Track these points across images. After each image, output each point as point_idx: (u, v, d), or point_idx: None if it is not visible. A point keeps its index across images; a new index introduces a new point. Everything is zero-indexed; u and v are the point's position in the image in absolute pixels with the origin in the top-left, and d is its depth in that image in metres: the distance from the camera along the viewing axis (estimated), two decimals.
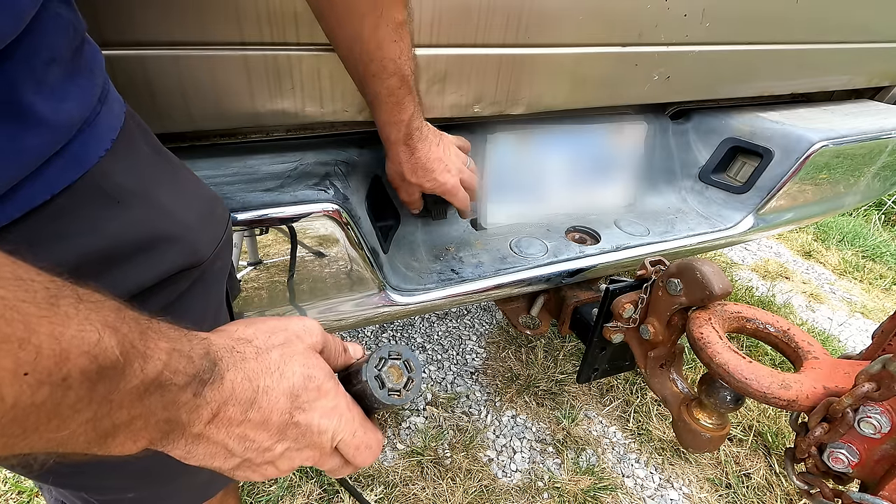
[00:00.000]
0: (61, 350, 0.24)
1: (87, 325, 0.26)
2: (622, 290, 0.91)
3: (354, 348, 0.48)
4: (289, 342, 0.40)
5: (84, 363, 0.25)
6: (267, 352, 0.38)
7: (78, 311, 0.26)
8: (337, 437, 0.40)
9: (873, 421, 0.59)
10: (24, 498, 1.31)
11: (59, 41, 0.36)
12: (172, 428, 0.32)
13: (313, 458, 0.41)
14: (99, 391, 0.26)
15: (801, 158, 1.11)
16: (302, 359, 0.40)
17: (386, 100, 0.69)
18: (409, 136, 0.75)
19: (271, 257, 0.76)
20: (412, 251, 1.01)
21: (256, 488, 1.35)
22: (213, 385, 0.34)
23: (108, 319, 0.27)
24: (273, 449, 0.38)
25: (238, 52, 0.66)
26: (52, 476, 0.50)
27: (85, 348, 0.25)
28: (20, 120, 0.33)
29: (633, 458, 1.54)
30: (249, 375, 0.36)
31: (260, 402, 0.36)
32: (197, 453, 0.35)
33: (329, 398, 0.40)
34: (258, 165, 0.79)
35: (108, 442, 0.29)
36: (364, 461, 0.43)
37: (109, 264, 0.40)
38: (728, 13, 0.98)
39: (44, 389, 0.23)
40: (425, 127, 0.78)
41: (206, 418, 0.34)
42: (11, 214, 0.35)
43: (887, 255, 2.83)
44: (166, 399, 0.31)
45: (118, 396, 0.27)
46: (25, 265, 0.25)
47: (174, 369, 0.31)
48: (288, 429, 0.38)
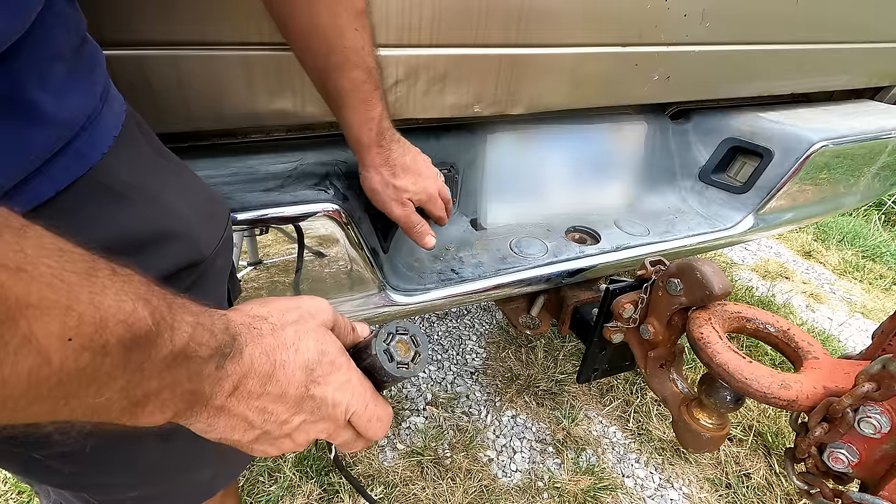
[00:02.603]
0: (101, 318, 0.25)
1: (123, 296, 0.27)
2: (622, 290, 0.91)
3: (362, 327, 0.50)
4: (302, 319, 0.41)
5: (120, 331, 0.26)
6: (282, 328, 0.39)
7: (113, 283, 0.27)
8: (350, 409, 0.42)
9: (873, 421, 0.59)
10: (24, 498, 1.31)
11: (61, 38, 0.36)
12: (197, 399, 0.33)
13: (327, 430, 0.42)
14: (133, 359, 0.27)
15: (801, 158, 1.11)
16: (315, 335, 0.41)
17: (352, 95, 0.63)
18: (381, 136, 0.69)
19: (271, 257, 0.76)
20: (412, 251, 1.01)
21: (256, 488, 1.35)
22: (234, 359, 0.35)
23: (140, 291, 0.28)
24: (290, 421, 0.39)
25: (238, 52, 0.66)
26: (54, 477, 0.50)
27: (121, 317, 0.26)
28: (25, 116, 0.33)
29: (633, 458, 1.54)
30: (267, 350, 0.37)
31: (277, 375, 0.37)
32: (218, 426, 0.36)
33: (342, 372, 0.41)
34: (258, 165, 0.79)
35: (139, 411, 0.30)
36: (375, 434, 0.44)
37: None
38: (728, 13, 0.98)
39: (86, 355, 0.25)
40: (394, 128, 0.72)
41: (227, 391, 0.35)
42: (17, 210, 0.35)
43: (887, 255, 2.83)
44: (191, 370, 0.32)
45: (149, 365, 0.28)
46: (63, 239, 0.26)
47: (199, 342, 0.32)
48: (304, 401, 0.39)
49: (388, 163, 0.72)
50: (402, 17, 0.72)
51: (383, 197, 0.75)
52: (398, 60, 0.76)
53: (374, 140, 0.68)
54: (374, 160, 0.71)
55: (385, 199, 0.75)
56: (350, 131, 0.68)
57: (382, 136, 0.69)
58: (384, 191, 0.74)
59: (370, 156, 0.70)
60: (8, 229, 0.23)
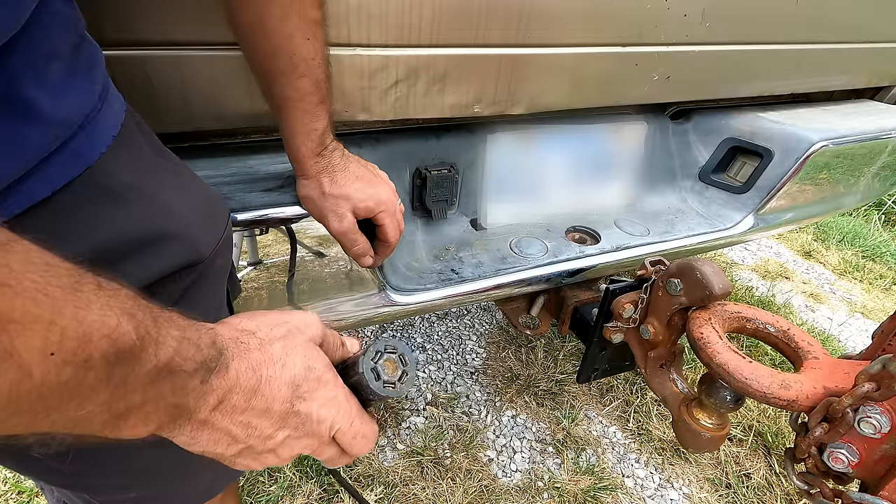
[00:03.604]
0: (84, 333, 0.25)
1: (107, 311, 0.27)
2: (622, 290, 0.91)
3: (351, 342, 0.49)
4: (290, 335, 0.41)
5: (104, 346, 0.26)
6: (270, 343, 0.39)
7: (98, 297, 0.27)
8: (335, 426, 0.41)
9: (873, 421, 0.59)
10: (24, 498, 1.30)
11: (58, 37, 0.36)
12: (180, 413, 0.33)
13: (312, 446, 0.42)
14: (116, 374, 0.27)
15: (801, 158, 1.11)
16: (303, 350, 0.41)
17: (297, 105, 0.60)
18: (322, 146, 0.65)
19: (271, 257, 0.76)
20: (412, 251, 1.01)
21: (256, 488, 1.35)
22: (219, 373, 0.35)
23: (126, 306, 0.28)
24: (274, 437, 0.39)
25: (237, 52, 0.66)
26: (54, 476, 0.50)
27: (105, 332, 0.26)
28: (20, 114, 0.33)
29: (633, 458, 1.54)
30: (253, 365, 0.37)
31: (263, 390, 0.37)
32: (201, 439, 0.36)
33: (328, 389, 0.41)
34: (258, 165, 0.79)
35: (121, 424, 0.30)
36: (360, 451, 0.44)
37: (111, 261, 0.40)
38: (728, 13, 0.98)
39: (68, 369, 0.25)
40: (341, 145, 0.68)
41: (211, 405, 0.35)
42: (12, 210, 0.35)
43: (887, 255, 2.83)
44: (176, 384, 0.32)
45: (133, 380, 0.29)
46: (51, 253, 0.26)
47: (184, 356, 0.32)
48: (289, 417, 0.39)
49: (328, 170, 0.66)
50: (402, 17, 0.72)
51: (319, 207, 0.68)
52: (398, 60, 0.76)
53: (313, 150, 0.64)
54: (312, 168, 0.66)
55: (321, 209, 0.68)
56: (290, 140, 0.64)
57: (324, 147, 0.65)
58: (320, 200, 0.68)
59: (308, 164, 0.65)
60: None
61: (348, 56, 0.72)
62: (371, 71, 0.75)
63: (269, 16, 0.54)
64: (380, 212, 0.70)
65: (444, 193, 1.01)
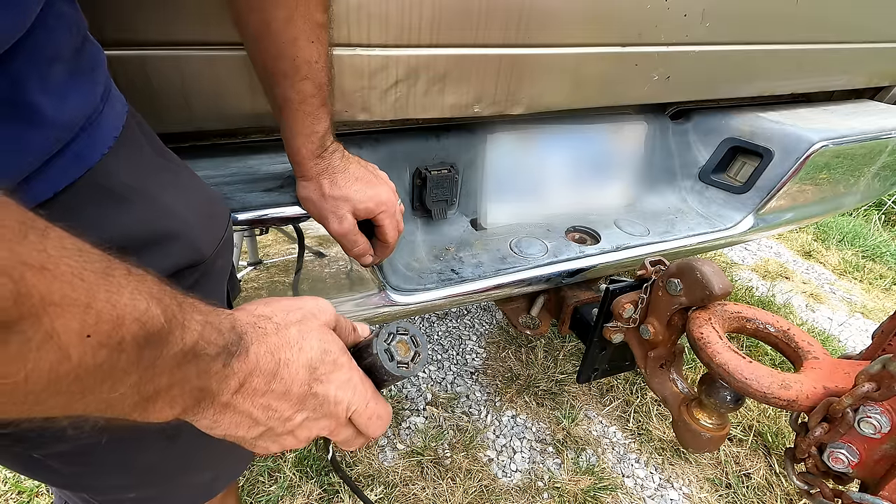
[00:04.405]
0: (117, 315, 0.26)
1: (137, 295, 0.28)
2: (622, 290, 0.91)
3: (363, 327, 0.50)
4: (305, 319, 0.42)
5: (135, 329, 0.27)
6: (286, 328, 0.40)
7: (129, 282, 0.28)
8: (351, 407, 0.42)
9: (873, 421, 0.59)
10: (24, 498, 1.31)
11: (61, 39, 0.36)
12: (204, 396, 0.34)
13: (329, 427, 0.43)
14: (146, 356, 0.28)
15: (801, 158, 1.11)
16: (318, 334, 0.42)
17: (298, 108, 0.60)
18: (323, 149, 0.65)
19: (271, 257, 0.76)
20: (412, 251, 1.01)
21: (256, 488, 1.35)
22: (240, 357, 0.35)
23: (153, 291, 0.29)
24: (293, 418, 0.40)
25: (238, 52, 0.66)
26: (54, 476, 0.50)
27: (136, 315, 0.27)
28: (24, 119, 0.33)
29: (633, 458, 1.54)
30: (271, 349, 0.38)
31: (282, 373, 0.38)
32: (223, 422, 0.37)
33: (344, 371, 0.42)
34: (258, 165, 0.79)
35: (150, 407, 0.31)
36: (375, 432, 0.45)
37: None
38: (728, 13, 0.98)
39: (103, 352, 0.25)
40: (342, 147, 0.68)
41: (233, 388, 0.36)
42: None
43: (887, 255, 2.83)
44: (200, 368, 0.33)
45: (161, 362, 0.29)
46: (82, 240, 0.26)
47: (208, 340, 0.33)
48: (307, 399, 0.40)
49: (328, 172, 0.66)
50: (402, 17, 0.72)
51: (319, 208, 0.68)
52: (398, 60, 0.76)
53: (313, 152, 0.64)
54: (312, 170, 0.66)
55: (321, 211, 0.68)
56: (291, 142, 0.64)
57: (325, 149, 0.65)
58: (320, 202, 0.68)
59: (308, 166, 0.65)
60: (32, 231, 0.23)
61: (348, 56, 0.73)
62: (371, 71, 0.75)
63: (275, 18, 0.54)
64: (380, 212, 0.70)
65: (444, 193, 1.01)
